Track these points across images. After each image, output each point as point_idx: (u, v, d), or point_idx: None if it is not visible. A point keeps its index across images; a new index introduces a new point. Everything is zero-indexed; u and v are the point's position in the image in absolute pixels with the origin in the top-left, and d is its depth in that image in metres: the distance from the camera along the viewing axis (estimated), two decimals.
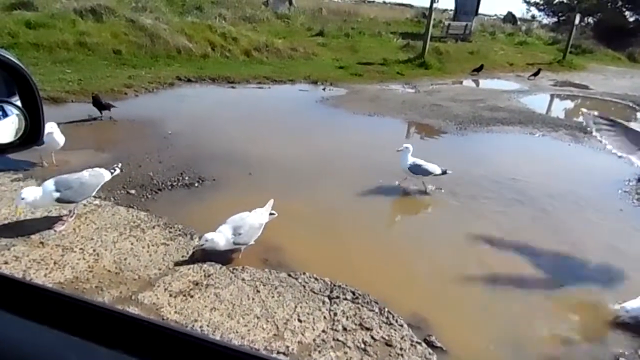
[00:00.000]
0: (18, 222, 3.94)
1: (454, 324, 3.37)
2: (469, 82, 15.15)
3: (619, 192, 6.26)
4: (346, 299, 3.42)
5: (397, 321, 3.23)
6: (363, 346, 2.96)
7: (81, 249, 3.69)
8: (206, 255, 3.74)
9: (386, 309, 3.33)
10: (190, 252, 3.79)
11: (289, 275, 3.62)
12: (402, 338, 3.08)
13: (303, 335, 3.01)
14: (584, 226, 5.20)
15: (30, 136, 0.97)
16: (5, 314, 0.57)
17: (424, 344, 3.07)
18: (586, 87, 15.78)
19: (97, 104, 7.10)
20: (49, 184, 3.84)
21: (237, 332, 2.96)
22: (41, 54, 10.36)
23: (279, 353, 2.83)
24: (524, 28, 31.03)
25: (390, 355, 2.93)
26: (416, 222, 5.05)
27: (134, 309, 3.09)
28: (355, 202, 5.31)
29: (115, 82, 9.28)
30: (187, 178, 5.34)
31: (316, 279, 3.60)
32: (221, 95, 10.13)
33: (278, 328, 3.04)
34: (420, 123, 9.19)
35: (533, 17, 38.79)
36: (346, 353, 2.89)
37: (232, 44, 14.05)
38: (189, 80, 10.60)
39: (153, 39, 12.45)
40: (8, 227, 3.84)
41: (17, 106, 0.96)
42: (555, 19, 36.62)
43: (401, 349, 2.99)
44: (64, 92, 8.16)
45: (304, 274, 3.65)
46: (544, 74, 16.81)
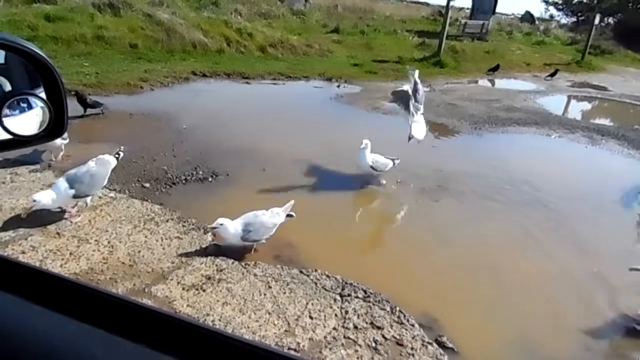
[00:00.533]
0: (35, 212, 3.99)
1: (465, 325, 3.35)
2: (484, 82, 14.99)
3: (637, 196, 6.15)
4: (357, 297, 3.42)
5: (408, 321, 3.23)
6: (374, 345, 2.96)
7: (96, 240, 3.74)
8: (219, 250, 3.77)
9: (397, 308, 3.32)
10: (205, 246, 3.81)
11: (301, 272, 3.62)
12: (413, 338, 3.07)
13: (314, 332, 3.01)
14: (600, 229, 5.13)
15: (54, 128, 0.98)
16: (30, 304, 0.58)
17: (435, 345, 3.05)
18: (605, 89, 15.52)
19: (81, 101, 6.91)
20: (62, 182, 3.84)
21: (249, 327, 2.97)
22: (59, 47, 10.48)
23: (289, 349, 2.84)
24: (542, 28, 30.57)
25: (401, 355, 2.92)
26: (429, 221, 5.01)
27: (147, 301, 3.12)
28: (369, 200, 5.30)
29: (132, 76, 9.36)
30: (201, 172, 5.37)
31: (328, 276, 3.60)
32: (236, 90, 10.16)
33: (289, 324, 3.05)
34: (434, 122, 9.11)
35: (551, 16, 38.25)
36: (357, 351, 2.89)
37: (248, 39, 14.08)
38: (204, 75, 10.65)
39: (169, 33, 12.52)
40: (26, 217, 3.90)
41: (41, 98, 0.97)
42: (574, 18, 36.09)
43: (412, 348, 2.98)
44: (81, 85, 8.25)
45: (316, 271, 3.65)
46: (561, 75, 16.56)
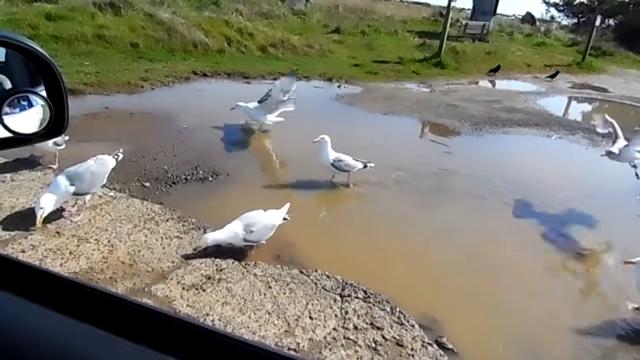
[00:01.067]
0: (34, 211, 3.99)
1: (465, 326, 3.35)
2: (485, 83, 14.99)
3: (637, 198, 6.15)
4: (357, 297, 3.41)
5: (408, 321, 3.22)
6: (374, 345, 2.95)
7: (96, 239, 3.73)
8: (219, 250, 3.76)
9: (397, 309, 3.32)
10: (205, 246, 3.81)
11: (301, 272, 3.62)
12: (413, 339, 3.07)
13: (314, 332, 3.01)
14: (600, 231, 5.12)
15: (55, 126, 0.97)
16: (29, 303, 0.57)
17: (435, 345, 3.05)
18: (605, 90, 15.51)
19: None
20: (62, 179, 3.83)
21: (249, 327, 2.97)
22: (60, 46, 10.47)
23: (289, 349, 2.83)
24: (542, 29, 30.57)
25: (401, 356, 2.92)
26: (429, 222, 5.01)
27: (147, 301, 3.11)
28: (368, 200, 5.29)
29: (132, 75, 9.35)
30: (201, 172, 5.37)
31: (328, 276, 3.60)
32: (236, 90, 10.14)
33: (289, 324, 3.04)
34: (435, 123, 9.12)
35: (552, 17, 38.27)
36: (357, 352, 2.88)
37: (248, 39, 14.07)
38: (205, 75, 10.64)
39: (170, 33, 12.51)
40: (26, 215, 3.89)
41: (42, 96, 0.96)
42: (575, 20, 36.09)
43: (412, 349, 2.97)
44: (82, 84, 8.25)
45: (316, 271, 3.64)
46: (562, 76, 16.55)
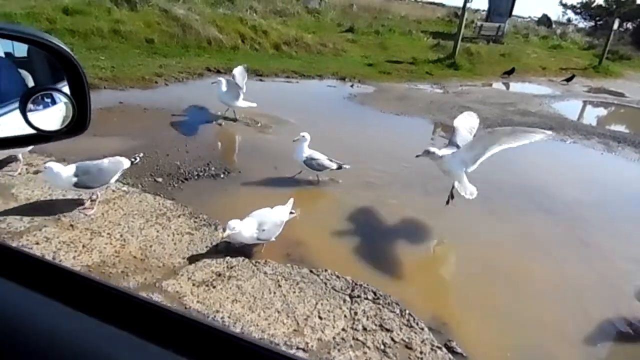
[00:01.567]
0: (50, 203, 4.04)
1: (475, 330, 3.32)
2: (499, 85, 14.87)
3: None
4: (367, 298, 3.40)
5: (417, 324, 3.20)
6: (383, 347, 2.94)
7: (109, 233, 3.77)
8: (229, 247, 3.77)
9: (407, 311, 3.31)
10: (216, 242, 3.83)
11: (311, 272, 3.61)
12: (422, 342, 3.06)
13: (323, 332, 3.00)
14: (615, 237, 5.06)
15: (77, 124, 0.98)
16: (59, 305, 0.58)
17: (444, 349, 3.03)
18: (622, 95, 15.32)
19: None
20: (70, 168, 3.88)
21: (258, 326, 2.98)
22: (76, 41, 10.57)
23: (298, 349, 2.84)
24: (558, 31, 30.27)
25: (410, 358, 2.91)
26: (439, 224, 4.98)
27: (157, 296, 3.14)
28: (380, 201, 5.27)
29: (147, 71, 9.42)
30: (213, 169, 5.39)
31: (338, 276, 3.59)
32: (249, 87, 10.15)
33: (298, 324, 3.04)
34: (447, 125, 9.05)
35: (569, 20, 37.90)
36: (365, 353, 2.88)
37: (262, 37, 14.10)
38: (218, 72, 10.66)
39: (185, 29, 12.58)
40: (40, 208, 3.94)
41: (65, 94, 0.97)
42: (592, 23, 35.71)
43: (421, 352, 2.96)
44: (97, 78, 8.32)
45: (326, 271, 3.64)
46: (577, 80, 16.37)
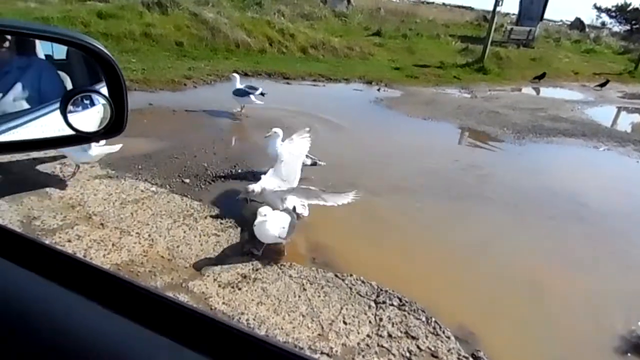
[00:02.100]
0: (81, 202, 4.14)
1: (503, 341, 3.24)
2: (529, 90, 14.57)
3: None
4: (392, 304, 3.36)
5: (444, 332, 3.15)
6: (408, 355, 2.90)
7: (137, 233, 3.83)
8: (255, 250, 3.78)
9: (433, 319, 3.25)
10: (242, 243, 3.85)
11: (336, 276, 3.60)
12: (448, 350, 3.00)
13: (347, 337, 2.98)
14: None
15: (115, 125, 0.99)
16: (98, 307, 0.58)
17: (471, 359, 2.97)
18: None
19: None
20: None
21: (282, 329, 2.97)
22: (109, 43, 10.83)
23: (322, 353, 2.82)
24: (592, 35, 29.48)
25: None
26: (468, 231, 4.90)
27: (183, 296, 3.17)
28: (407, 206, 5.22)
29: (176, 73, 9.58)
30: (240, 171, 5.43)
31: (363, 281, 3.57)
32: (276, 90, 10.23)
33: (323, 328, 3.03)
34: (475, 130, 8.92)
35: (603, 24, 36.90)
36: None
37: (289, 40, 14.19)
38: (246, 75, 10.77)
39: (214, 32, 12.76)
40: (73, 207, 4.04)
41: (104, 95, 0.98)
42: (628, 27, 34.68)
43: None
44: (128, 80, 8.47)
45: (351, 275, 3.62)
46: (612, 85, 15.90)
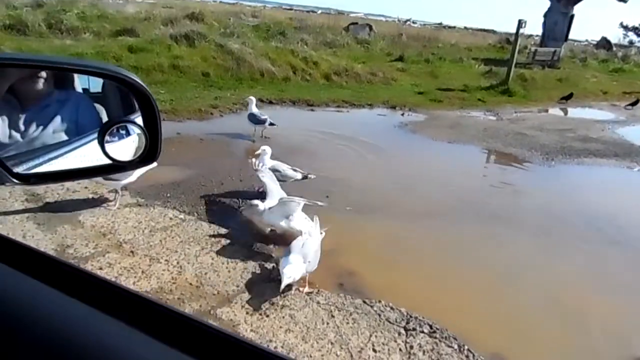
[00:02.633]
0: (112, 231, 4.22)
1: None
2: (556, 111, 14.34)
3: None
4: (423, 331, 3.28)
5: None
6: None
7: (166, 260, 3.87)
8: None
9: (466, 347, 3.16)
10: (269, 270, 3.84)
11: (364, 302, 3.54)
12: None
13: None
14: None
15: (149, 154, 1.02)
16: (103, 315, 0.59)
17: None
18: None
19: None
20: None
21: (311, 357, 2.93)
22: (139, 76, 10.89)
23: None
24: (620, 54, 29.02)
25: None
26: (498, 256, 4.78)
27: (212, 323, 3.16)
28: (434, 230, 5.14)
29: (203, 103, 9.81)
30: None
31: (392, 308, 3.50)
32: (301, 117, 10.37)
33: (352, 356, 2.97)
34: (502, 152, 8.80)
35: (631, 42, 36.32)
36: None
37: (313, 67, 14.40)
38: (271, 102, 10.96)
39: (239, 62, 13.07)
40: (104, 234, 4.13)
41: (139, 125, 1.01)
42: None
43: None
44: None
45: (380, 302, 3.56)
46: None
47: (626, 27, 36.25)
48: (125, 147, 1.06)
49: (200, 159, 6.68)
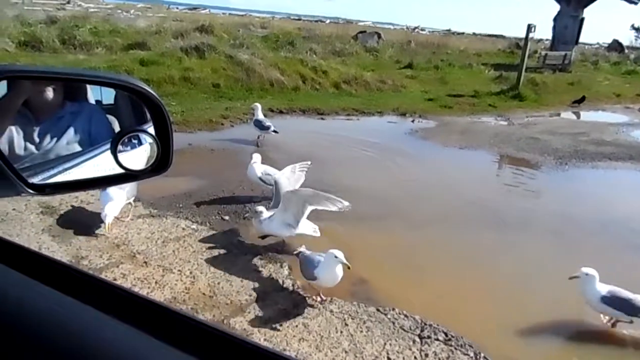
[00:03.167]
0: (126, 242, 4.25)
1: None
2: (568, 115, 14.21)
3: None
4: (438, 339, 3.25)
5: None
6: None
7: (179, 270, 3.89)
8: (295, 286, 3.76)
9: (482, 354, 3.11)
10: (282, 279, 3.83)
11: (378, 310, 3.52)
12: None
13: None
14: None
15: (161, 164, 1.03)
16: (113, 320, 0.60)
17: None
18: None
19: None
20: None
21: None
22: (151, 88, 11.34)
23: None
24: (632, 56, 28.72)
25: None
26: (513, 263, 4.71)
27: None
28: (447, 236, 5.10)
29: (213, 114, 9.89)
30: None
31: (406, 315, 3.47)
32: (311, 126, 10.39)
33: None
34: (514, 157, 8.73)
35: None
36: None
37: (322, 76, 14.46)
38: (281, 112, 11.01)
39: (249, 73, 13.18)
40: (117, 246, 4.16)
41: (151, 135, 1.02)
42: None
43: None
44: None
45: (394, 309, 3.53)
46: None
47: (637, 29, 35.94)
48: (138, 157, 1.07)
49: (212, 169, 6.72)
